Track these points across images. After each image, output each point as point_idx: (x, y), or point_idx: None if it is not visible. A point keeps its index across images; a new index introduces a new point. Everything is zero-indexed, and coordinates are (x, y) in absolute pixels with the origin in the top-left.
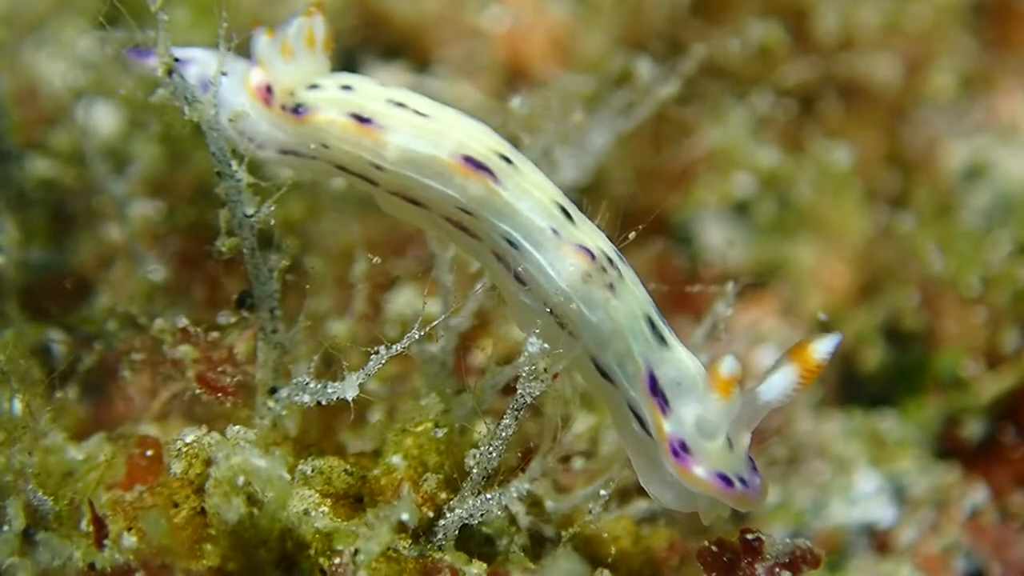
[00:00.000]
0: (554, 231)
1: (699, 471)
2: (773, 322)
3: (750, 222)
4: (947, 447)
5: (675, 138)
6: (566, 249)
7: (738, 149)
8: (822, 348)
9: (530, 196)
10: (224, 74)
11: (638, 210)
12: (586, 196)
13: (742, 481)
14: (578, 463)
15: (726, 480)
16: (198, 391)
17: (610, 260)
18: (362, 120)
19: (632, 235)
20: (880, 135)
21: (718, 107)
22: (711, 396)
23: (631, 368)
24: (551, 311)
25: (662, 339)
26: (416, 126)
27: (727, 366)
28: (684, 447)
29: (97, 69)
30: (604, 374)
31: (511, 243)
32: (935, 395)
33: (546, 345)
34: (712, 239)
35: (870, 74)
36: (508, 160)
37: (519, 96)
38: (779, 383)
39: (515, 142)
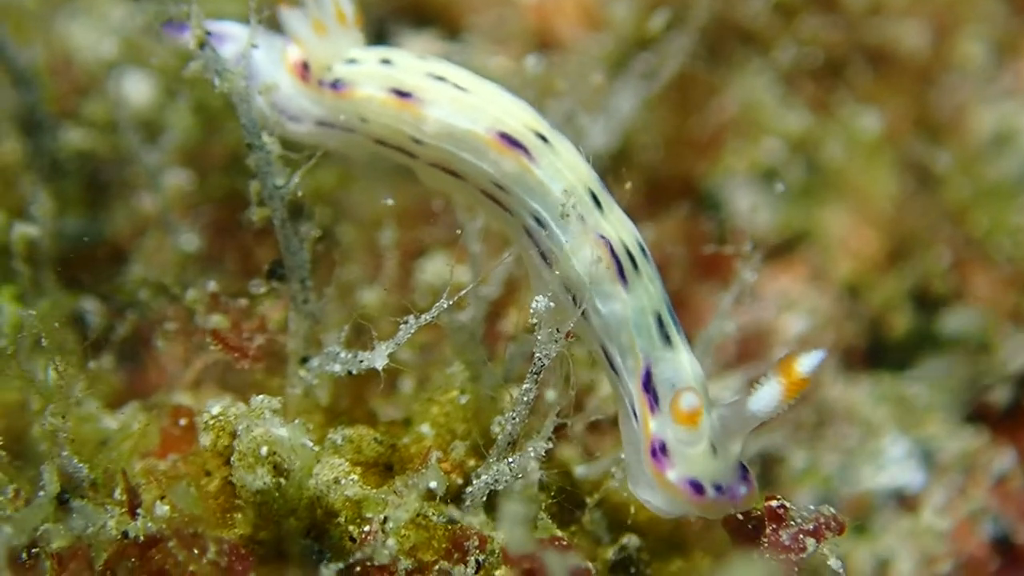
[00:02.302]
0: (580, 217)
1: (671, 475)
2: (802, 288)
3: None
4: (974, 412)
5: (702, 102)
6: (587, 237)
7: (766, 114)
8: (806, 363)
9: (563, 178)
10: (255, 47)
11: (667, 177)
12: (614, 162)
13: (717, 488)
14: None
15: (697, 487)
16: (212, 346)
17: (630, 254)
18: (402, 95)
19: (628, 185)
20: (908, 101)
21: (744, 69)
22: (675, 426)
23: (631, 361)
24: (571, 294)
25: (668, 339)
26: (455, 100)
27: (685, 402)
28: (664, 449)
29: (131, 39)
30: (612, 366)
31: (539, 221)
32: (963, 360)
33: (551, 304)
34: (741, 205)
35: (898, 40)
36: (544, 139)
37: (533, 56)
38: (764, 395)
39: (535, 106)
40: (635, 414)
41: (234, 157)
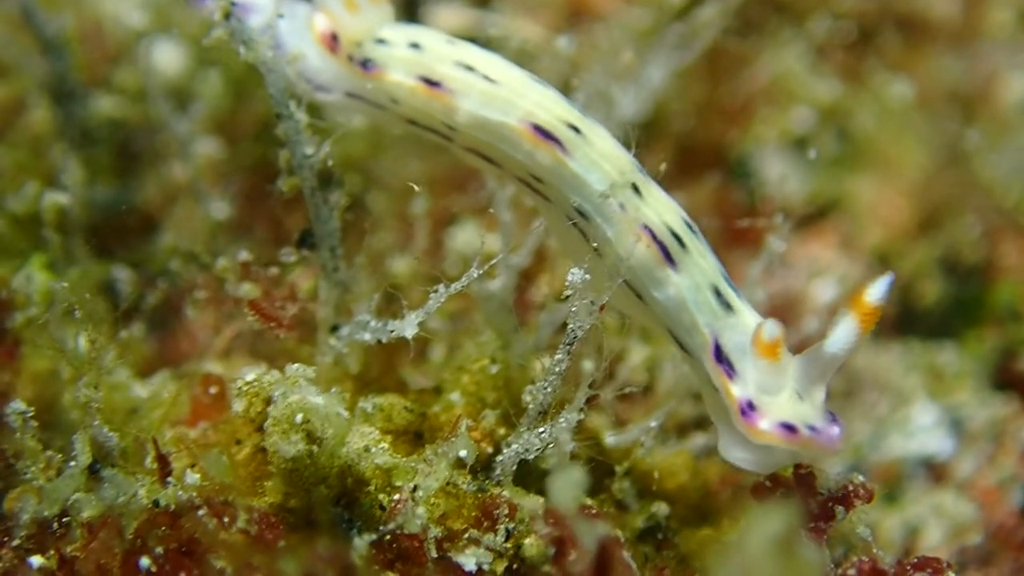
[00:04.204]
0: (621, 206)
1: (762, 423)
2: (832, 255)
3: (809, 156)
4: (1004, 379)
5: (733, 71)
6: (630, 226)
7: (797, 82)
8: (875, 291)
9: (598, 168)
10: (281, 16)
11: (697, 145)
12: (645, 132)
13: (811, 428)
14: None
15: (789, 428)
16: (249, 317)
17: (675, 235)
18: (431, 83)
19: (663, 166)
20: (939, 69)
21: (776, 38)
22: (758, 361)
23: (698, 339)
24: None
25: (728, 306)
26: (485, 92)
27: (767, 331)
28: (751, 405)
29: (161, 7)
30: (683, 347)
31: (580, 212)
32: (993, 328)
33: (587, 276)
34: (771, 174)
35: (929, 8)
36: (576, 130)
37: (565, 36)
38: (840, 333)
39: (565, 84)
40: (716, 388)
41: (264, 125)
